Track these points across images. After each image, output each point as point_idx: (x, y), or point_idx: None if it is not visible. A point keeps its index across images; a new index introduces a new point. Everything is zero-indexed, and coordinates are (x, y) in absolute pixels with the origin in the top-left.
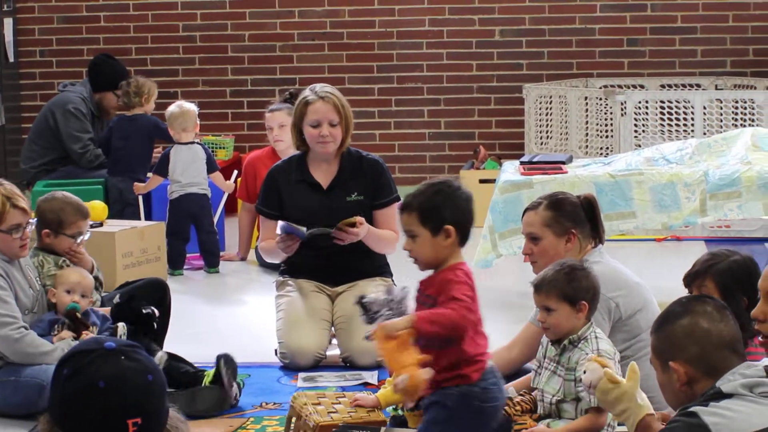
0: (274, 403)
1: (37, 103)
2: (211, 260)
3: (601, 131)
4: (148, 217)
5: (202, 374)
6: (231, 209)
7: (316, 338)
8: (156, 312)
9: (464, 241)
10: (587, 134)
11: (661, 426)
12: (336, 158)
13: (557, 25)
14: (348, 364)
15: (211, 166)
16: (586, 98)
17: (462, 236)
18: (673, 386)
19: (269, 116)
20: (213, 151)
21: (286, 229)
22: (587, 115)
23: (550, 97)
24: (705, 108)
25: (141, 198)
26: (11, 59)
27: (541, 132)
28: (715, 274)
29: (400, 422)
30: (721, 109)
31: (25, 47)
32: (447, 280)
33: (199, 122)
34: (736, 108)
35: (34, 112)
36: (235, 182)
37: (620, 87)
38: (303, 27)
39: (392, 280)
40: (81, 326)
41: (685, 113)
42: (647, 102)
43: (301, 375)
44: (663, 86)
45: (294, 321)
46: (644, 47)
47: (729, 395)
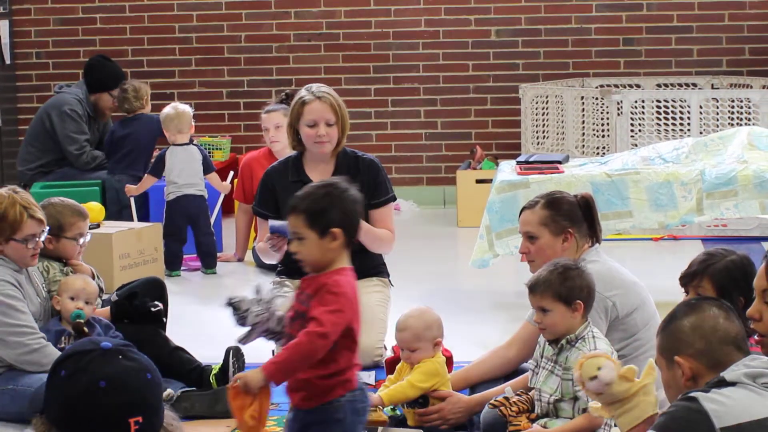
0: (273, 404)
1: (34, 105)
2: (209, 261)
3: (598, 131)
4: (146, 219)
5: (208, 368)
6: (228, 210)
7: None
8: (162, 307)
9: (351, 242)
10: (584, 134)
11: None
12: (332, 158)
13: (553, 25)
14: None
15: (207, 167)
16: (583, 98)
17: (349, 239)
18: (677, 382)
19: (265, 117)
20: (210, 153)
21: (275, 228)
22: (584, 115)
23: (547, 96)
24: (701, 107)
25: (133, 200)
26: (7, 61)
27: (537, 132)
28: (712, 274)
29: (399, 422)
30: (717, 108)
31: (22, 49)
32: (323, 285)
33: (196, 123)
34: (732, 107)
35: (31, 114)
36: (232, 183)
37: (616, 86)
38: (299, 28)
39: (389, 279)
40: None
41: (682, 112)
42: (643, 101)
43: None
44: (659, 86)
45: None
46: (640, 47)
47: (732, 383)
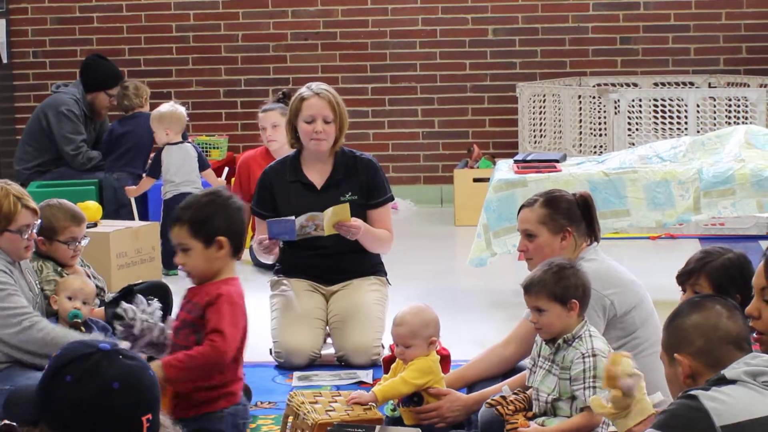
0: (269, 402)
1: (31, 104)
2: None
3: (595, 129)
4: (144, 218)
5: None
6: None
7: (310, 337)
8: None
9: (237, 251)
10: (581, 133)
11: None
12: (330, 158)
13: (550, 24)
14: (343, 363)
15: (202, 164)
16: (580, 97)
17: (235, 247)
18: (678, 380)
19: (262, 116)
20: (207, 152)
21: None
22: (581, 114)
23: (544, 95)
24: (698, 106)
25: (133, 199)
26: (4, 60)
27: (534, 130)
28: (709, 272)
29: (396, 420)
30: (715, 107)
31: (18, 48)
32: (218, 295)
33: (193, 122)
34: (730, 106)
35: (28, 113)
36: (227, 179)
37: (614, 85)
38: (296, 27)
39: (386, 278)
40: None
41: (679, 111)
42: (641, 100)
43: (296, 374)
44: (656, 84)
45: (289, 320)
46: (637, 45)
47: (732, 381)
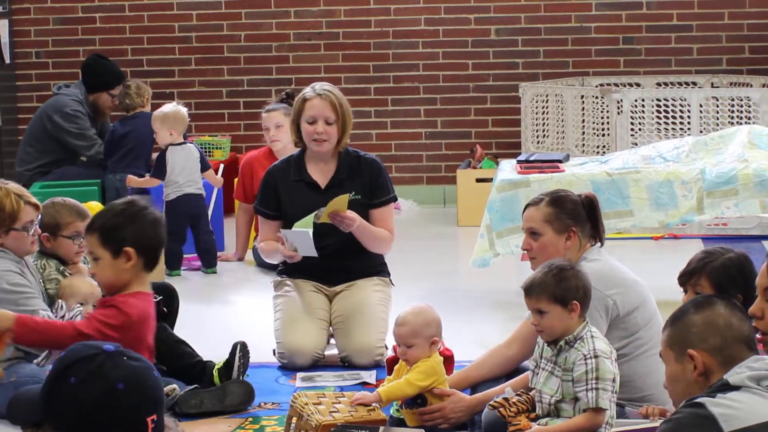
0: (273, 403)
1: (34, 105)
2: (209, 260)
3: (598, 130)
4: None
5: (211, 364)
6: (229, 210)
7: (314, 338)
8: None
9: (150, 265)
10: (584, 133)
11: None
12: (334, 157)
13: (553, 24)
14: (346, 363)
15: (203, 165)
16: (583, 97)
17: (147, 260)
18: (687, 377)
19: (266, 116)
20: (209, 152)
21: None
22: (584, 114)
23: (547, 95)
24: (701, 106)
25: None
26: (7, 61)
27: (537, 131)
28: (710, 272)
29: (400, 421)
30: (718, 107)
31: (21, 48)
32: (113, 300)
33: (196, 123)
34: (732, 106)
35: (31, 114)
36: (223, 176)
37: (616, 85)
38: (299, 27)
39: (389, 278)
40: None
41: (682, 111)
42: (643, 100)
43: (300, 375)
44: (659, 84)
45: (292, 321)
46: (640, 45)
47: (736, 387)
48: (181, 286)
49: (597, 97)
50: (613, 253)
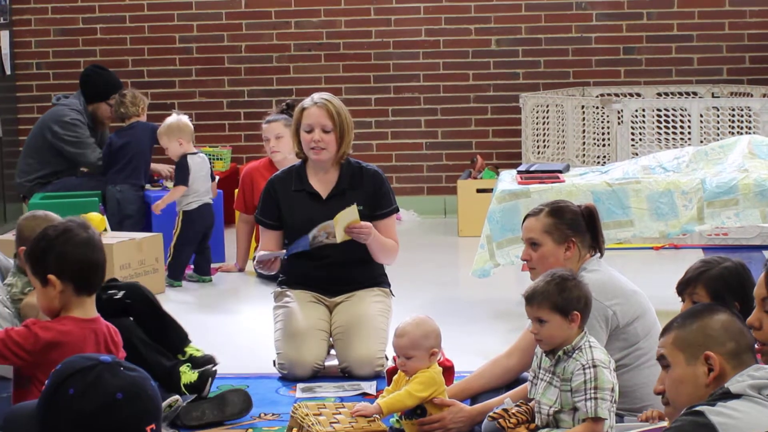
0: (273, 414)
1: (34, 116)
2: (208, 269)
3: (598, 140)
4: (148, 229)
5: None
6: (229, 220)
7: (314, 349)
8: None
9: (83, 288)
10: (584, 143)
11: None
12: (335, 168)
13: (553, 34)
14: (346, 374)
15: (212, 176)
16: (583, 107)
17: (77, 284)
18: (698, 380)
19: (266, 127)
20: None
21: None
22: (584, 124)
23: (547, 106)
24: (702, 116)
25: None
26: (8, 72)
27: (538, 141)
28: (706, 281)
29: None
30: (718, 116)
31: (22, 60)
32: (27, 325)
33: (197, 134)
34: (733, 116)
35: (31, 125)
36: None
37: (617, 95)
38: (299, 38)
39: (390, 289)
40: None
41: (682, 121)
42: (644, 110)
43: (300, 386)
44: (659, 94)
45: (292, 332)
46: (640, 55)
47: (737, 396)
48: (182, 296)
49: (597, 108)
50: (614, 263)
